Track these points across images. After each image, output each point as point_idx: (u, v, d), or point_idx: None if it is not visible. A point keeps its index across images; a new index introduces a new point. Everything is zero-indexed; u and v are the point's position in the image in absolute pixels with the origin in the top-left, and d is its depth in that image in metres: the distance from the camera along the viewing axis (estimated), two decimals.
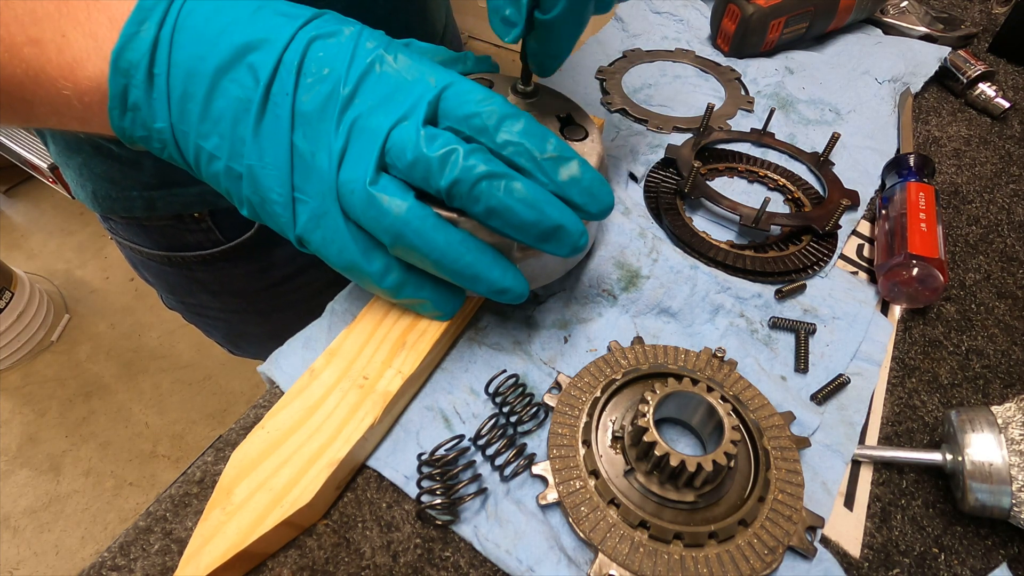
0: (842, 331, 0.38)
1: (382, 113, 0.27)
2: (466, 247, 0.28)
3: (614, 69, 0.59)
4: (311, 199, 0.28)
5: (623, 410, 0.32)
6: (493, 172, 0.26)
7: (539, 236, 0.27)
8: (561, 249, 0.28)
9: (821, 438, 0.33)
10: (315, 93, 0.26)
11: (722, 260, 0.41)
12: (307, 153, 0.27)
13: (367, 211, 0.27)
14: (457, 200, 0.26)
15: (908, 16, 0.66)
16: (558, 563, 0.27)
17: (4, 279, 1.59)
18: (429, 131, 0.26)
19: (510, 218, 0.26)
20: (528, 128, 0.27)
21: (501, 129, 0.27)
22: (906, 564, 0.29)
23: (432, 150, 0.26)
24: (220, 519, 0.25)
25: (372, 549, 0.28)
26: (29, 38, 0.26)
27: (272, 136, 0.27)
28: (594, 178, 0.28)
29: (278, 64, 0.26)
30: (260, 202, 0.28)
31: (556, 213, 0.27)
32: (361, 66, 0.27)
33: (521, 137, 0.27)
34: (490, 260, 0.28)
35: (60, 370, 1.67)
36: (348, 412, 0.29)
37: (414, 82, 0.27)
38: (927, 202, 0.42)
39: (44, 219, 2.08)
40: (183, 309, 0.65)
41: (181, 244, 0.53)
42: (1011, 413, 0.30)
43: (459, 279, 0.29)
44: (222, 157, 0.28)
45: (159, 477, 1.46)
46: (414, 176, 0.26)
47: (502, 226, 0.27)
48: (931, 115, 0.58)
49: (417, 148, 0.26)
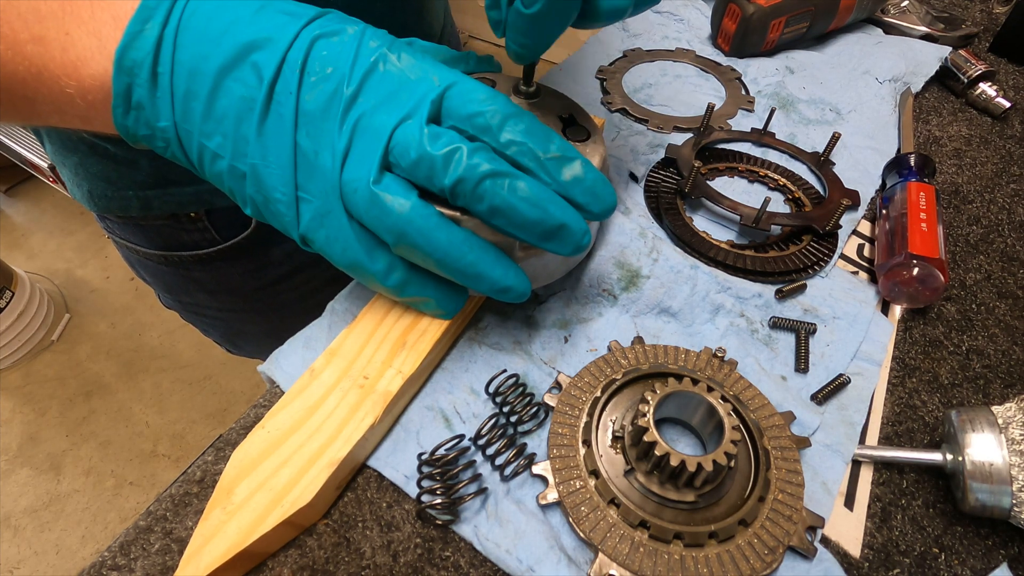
0: (842, 331, 0.38)
1: (385, 112, 0.27)
2: (469, 246, 0.28)
3: (614, 69, 0.59)
4: (315, 198, 0.28)
5: (623, 410, 0.32)
6: (497, 171, 0.26)
7: (542, 235, 0.27)
8: (564, 248, 0.28)
9: (821, 438, 0.33)
10: (319, 92, 0.26)
11: (722, 260, 0.41)
12: (311, 152, 0.27)
13: (370, 210, 0.27)
14: (461, 199, 0.26)
15: (909, 16, 0.66)
16: (558, 563, 0.27)
17: (4, 279, 1.59)
18: (433, 130, 0.26)
19: (514, 217, 0.26)
20: (531, 128, 0.27)
21: (504, 128, 0.27)
22: (906, 564, 0.29)
23: (436, 148, 0.26)
24: (220, 519, 0.25)
25: (372, 549, 0.28)
26: (32, 36, 0.26)
27: (276, 135, 0.27)
28: (597, 178, 0.28)
29: (282, 63, 0.26)
30: (264, 201, 0.28)
31: (559, 212, 0.27)
32: (365, 65, 0.27)
33: (524, 137, 0.27)
34: (492, 259, 0.28)
35: (60, 369, 1.67)
36: (348, 412, 0.29)
37: (417, 81, 0.27)
38: (928, 202, 0.42)
39: (44, 219, 2.08)
40: (180, 308, 0.64)
41: (178, 243, 0.53)
42: (1011, 413, 0.30)
43: (462, 278, 0.29)
44: (225, 156, 0.28)
45: (159, 477, 1.46)
46: (418, 175, 0.27)
47: (505, 225, 0.27)
48: (932, 115, 0.58)
49: (421, 147, 0.26)
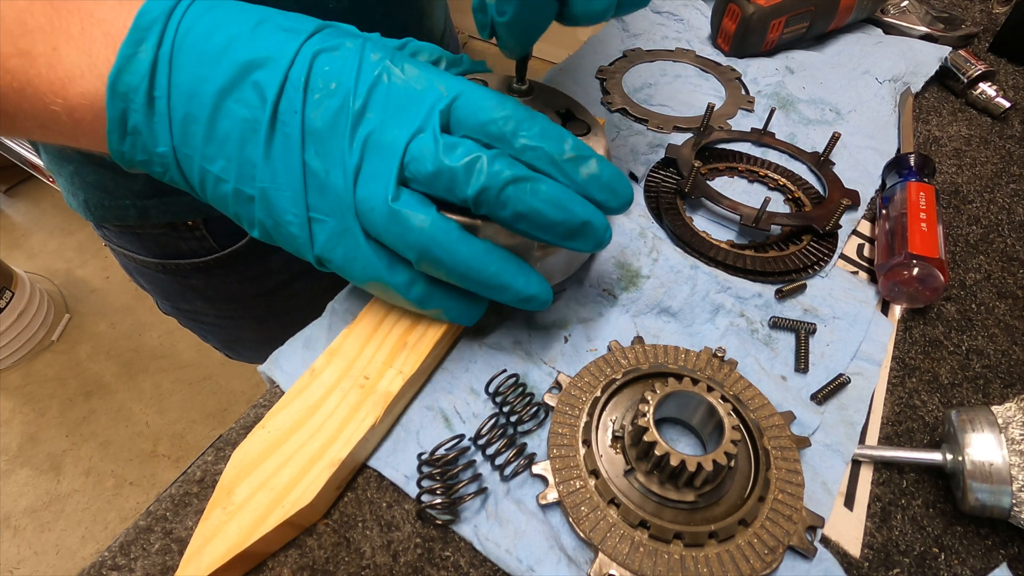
0: (842, 331, 0.38)
1: (396, 126, 0.26)
2: (491, 258, 0.28)
3: (614, 69, 0.59)
4: (328, 218, 0.27)
5: (623, 410, 0.32)
6: (519, 176, 0.26)
7: (566, 234, 0.27)
8: (587, 245, 0.28)
9: (821, 438, 0.33)
10: (324, 109, 0.26)
11: (722, 260, 0.41)
12: (321, 171, 0.26)
13: (389, 227, 0.26)
14: (484, 207, 0.26)
15: (908, 16, 0.66)
16: (558, 563, 0.27)
17: (4, 279, 1.59)
18: (447, 140, 0.26)
19: (538, 220, 0.26)
20: (545, 130, 0.27)
21: (519, 134, 0.26)
22: (906, 564, 0.29)
23: (455, 160, 0.25)
24: (221, 519, 0.25)
25: (372, 549, 0.28)
26: (17, 49, 0.25)
27: (284, 156, 0.26)
28: (613, 174, 0.28)
29: (284, 81, 0.26)
30: (274, 225, 0.28)
31: (582, 211, 0.27)
32: (369, 79, 0.26)
33: (540, 141, 0.27)
34: (514, 269, 0.28)
35: (60, 370, 1.67)
36: (349, 412, 0.29)
37: (424, 91, 0.27)
38: (927, 202, 0.42)
39: (44, 219, 2.08)
40: (178, 315, 0.64)
41: (175, 252, 0.52)
42: (1011, 413, 0.30)
43: (485, 290, 0.28)
44: (230, 180, 0.27)
45: (159, 477, 1.46)
46: (437, 187, 0.26)
47: (530, 228, 0.27)
48: (931, 115, 0.58)
49: (438, 159, 0.25)
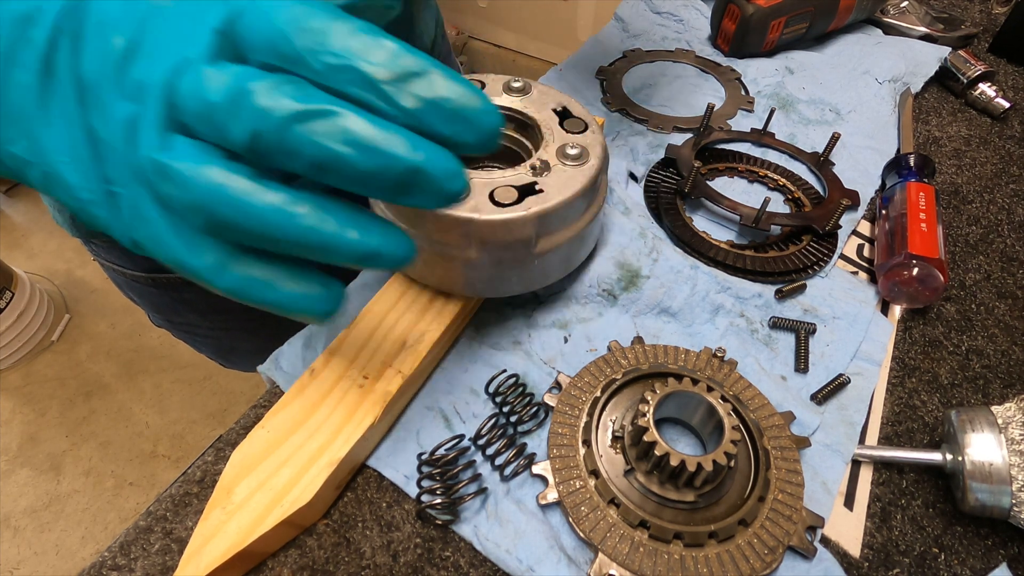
0: (842, 331, 0.38)
1: (161, 58, 0.20)
2: (303, 207, 0.20)
3: (614, 69, 0.59)
4: (123, 188, 0.21)
5: (623, 410, 0.32)
6: (307, 111, 0.18)
7: (393, 189, 0.20)
8: (428, 201, 0.20)
9: (821, 438, 0.33)
10: (94, 55, 0.20)
11: (722, 260, 0.41)
12: (102, 132, 0.21)
13: (164, 186, 0.20)
14: (268, 158, 0.19)
15: (908, 16, 0.66)
16: (558, 563, 0.27)
17: (4, 279, 1.59)
18: (216, 68, 0.19)
19: (346, 171, 0.19)
20: (355, 42, 0.19)
21: (320, 51, 0.19)
22: (906, 564, 0.29)
23: (215, 93, 0.19)
24: (220, 519, 0.25)
25: (372, 549, 0.28)
26: None
27: (64, 120, 0.21)
28: (463, 94, 0.20)
29: (54, 30, 0.20)
30: (81, 208, 0.22)
31: (407, 153, 0.19)
32: (139, 8, 0.21)
33: (346, 56, 0.19)
34: (342, 218, 0.20)
35: (60, 370, 1.67)
36: (348, 412, 0.29)
37: (205, 10, 0.20)
38: (927, 202, 0.42)
39: (44, 219, 2.07)
40: (171, 327, 0.63)
41: (165, 265, 0.51)
42: (1011, 413, 0.30)
43: (308, 252, 0.21)
44: (36, 161, 0.22)
45: (159, 477, 1.46)
46: (209, 133, 0.20)
47: (341, 182, 0.20)
48: (931, 115, 0.58)
49: (199, 94, 0.19)
